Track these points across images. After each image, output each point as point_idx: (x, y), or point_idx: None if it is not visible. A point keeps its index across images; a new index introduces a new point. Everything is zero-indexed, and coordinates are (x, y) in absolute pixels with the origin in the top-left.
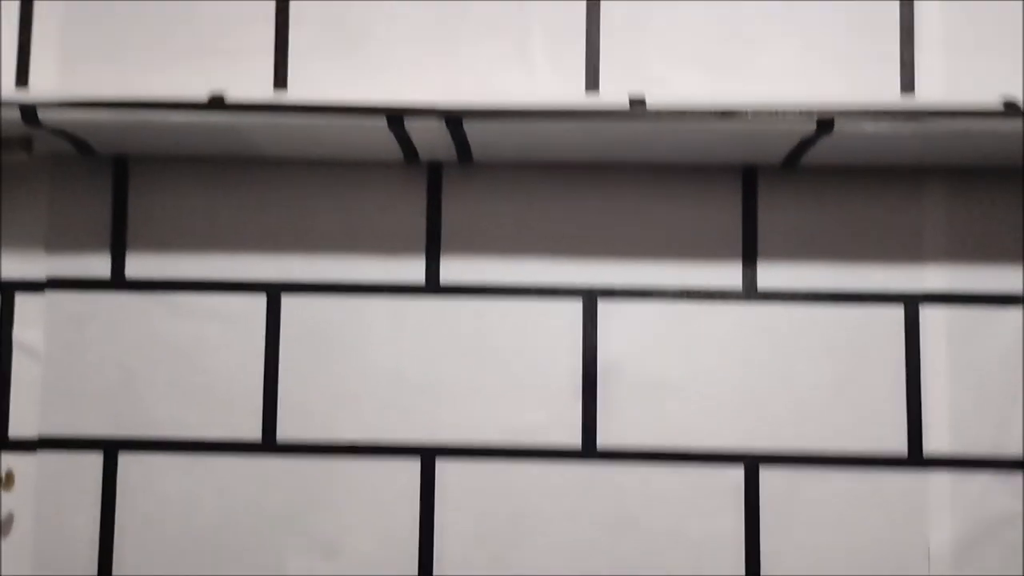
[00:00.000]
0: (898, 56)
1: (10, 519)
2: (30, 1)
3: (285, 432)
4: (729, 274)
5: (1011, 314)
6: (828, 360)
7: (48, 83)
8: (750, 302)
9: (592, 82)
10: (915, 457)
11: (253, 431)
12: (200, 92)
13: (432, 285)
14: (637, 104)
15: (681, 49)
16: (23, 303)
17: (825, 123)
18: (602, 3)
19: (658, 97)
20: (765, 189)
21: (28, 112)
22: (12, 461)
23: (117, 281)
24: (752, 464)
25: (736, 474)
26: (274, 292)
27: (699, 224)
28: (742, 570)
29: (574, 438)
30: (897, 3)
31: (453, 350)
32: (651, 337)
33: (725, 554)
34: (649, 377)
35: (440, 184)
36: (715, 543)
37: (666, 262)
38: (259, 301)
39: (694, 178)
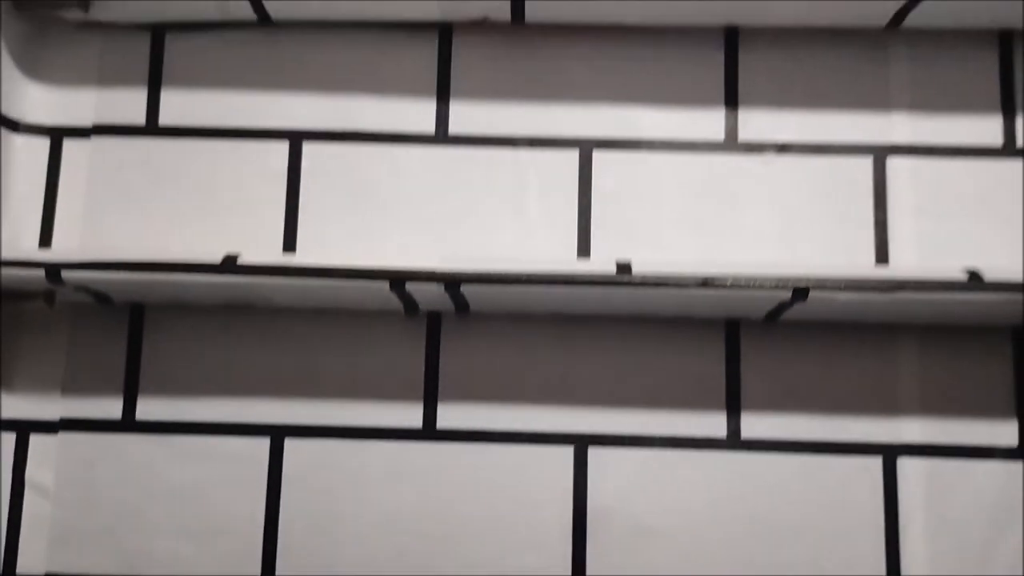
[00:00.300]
0: (872, 219)
1: None
2: (57, 163)
3: (283, 572)
4: (714, 423)
5: (987, 466)
6: (810, 508)
7: (71, 241)
8: (734, 451)
9: (584, 242)
10: None
11: (252, 571)
12: (215, 251)
13: (429, 430)
14: (623, 270)
15: (668, 213)
16: (37, 443)
17: (800, 291)
18: (593, 170)
19: (644, 262)
20: (747, 342)
21: (52, 272)
22: None
23: (127, 423)
24: None
25: None
26: (277, 435)
27: (685, 374)
28: None
29: None
30: (871, 169)
31: (448, 493)
32: (640, 483)
33: None
34: (638, 522)
35: (439, 333)
36: None
37: (654, 411)
38: (263, 444)
39: (680, 331)
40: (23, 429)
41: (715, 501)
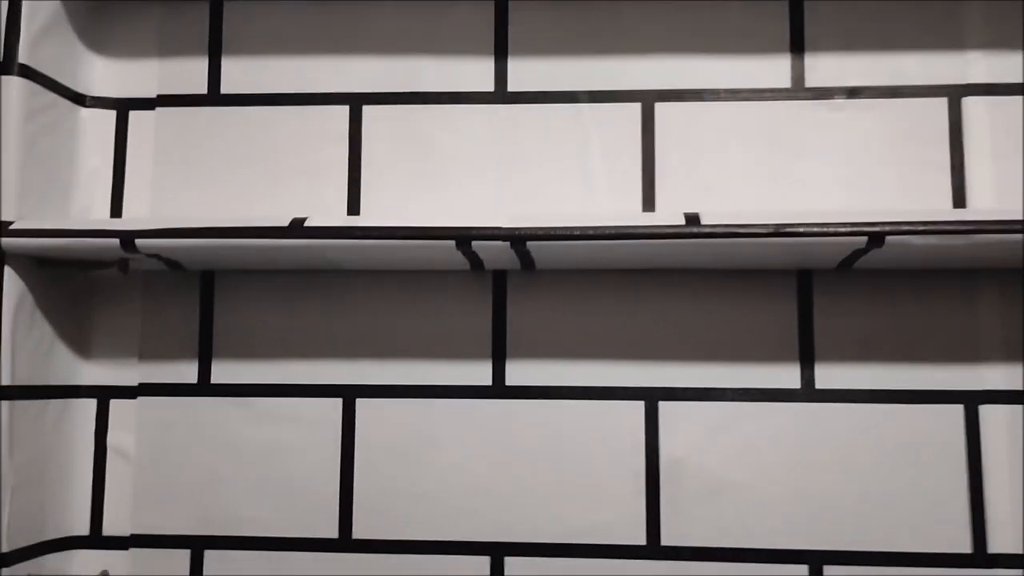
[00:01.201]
0: (948, 162)
1: None
2: (124, 134)
3: (361, 531)
4: (787, 374)
5: None
6: (888, 458)
7: (141, 210)
8: (809, 402)
9: (648, 195)
10: (980, 555)
11: (330, 529)
12: (281, 215)
13: (498, 387)
14: (692, 221)
15: (734, 163)
16: (117, 408)
17: (876, 237)
18: (656, 122)
19: (712, 213)
20: (820, 291)
21: (127, 241)
22: (107, 558)
23: (203, 386)
24: (816, 562)
25: (800, 573)
26: (349, 396)
27: (756, 326)
28: None
29: (639, 536)
30: (946, 111)
31: (519, 450)
32: (712, 437)
33: None
34: (711, 476)
35: (504, 291)
36: None
37: (725, 363)
38: (335, 405)
39: (750, 282)
40: (103, 395)
41: (790, 453)
